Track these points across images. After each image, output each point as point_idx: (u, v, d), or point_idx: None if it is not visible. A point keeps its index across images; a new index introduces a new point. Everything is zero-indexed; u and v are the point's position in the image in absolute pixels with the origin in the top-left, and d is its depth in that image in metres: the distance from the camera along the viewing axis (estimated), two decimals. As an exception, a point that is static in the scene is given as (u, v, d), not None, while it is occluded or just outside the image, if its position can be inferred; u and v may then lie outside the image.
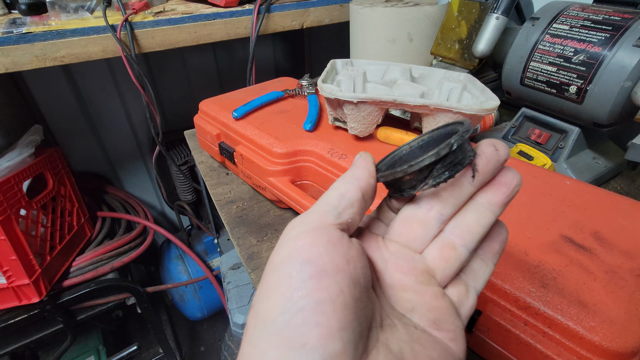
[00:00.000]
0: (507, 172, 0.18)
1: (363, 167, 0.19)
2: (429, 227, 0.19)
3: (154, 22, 0.67)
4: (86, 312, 0.97)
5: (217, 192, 0.57)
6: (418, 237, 0.19)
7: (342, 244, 0.17)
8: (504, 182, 0.18)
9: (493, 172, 0.18)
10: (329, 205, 0.18)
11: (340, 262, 0.16)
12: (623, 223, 0.32)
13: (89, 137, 1.21)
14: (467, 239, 0.19)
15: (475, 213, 0.19)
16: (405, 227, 0.20)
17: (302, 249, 0.16)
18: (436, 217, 0.19)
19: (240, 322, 0.79)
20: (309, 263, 0.15)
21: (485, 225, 0.19)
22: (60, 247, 0.90)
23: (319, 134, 0.49)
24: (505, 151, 0.18)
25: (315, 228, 0.17)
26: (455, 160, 0.17)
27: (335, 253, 0.16)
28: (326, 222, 0.17)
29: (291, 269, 0.15)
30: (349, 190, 0.18)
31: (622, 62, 0.42)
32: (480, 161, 0.18)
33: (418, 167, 0.17)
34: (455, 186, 0.19)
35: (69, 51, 0.61)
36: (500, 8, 0.52)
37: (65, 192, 0.97)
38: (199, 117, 0.61)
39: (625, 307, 0.25)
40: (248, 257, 0.45)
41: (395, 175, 0.18)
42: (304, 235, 0.17)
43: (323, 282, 0.15)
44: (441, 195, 0.19)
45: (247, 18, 0.74)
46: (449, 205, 0.19)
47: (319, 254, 0.16)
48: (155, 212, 1.51)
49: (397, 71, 0.52)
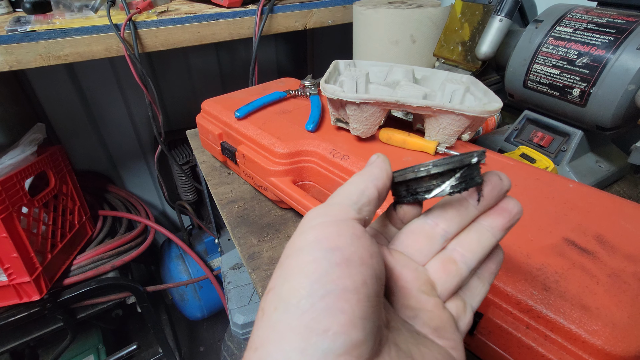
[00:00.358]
0: (510, 200, 0.20)
1: (381, 168, 0.20)
2: (434, 241, 0.20)
3: (157, 22, 0.67)
4: (86, 311, 0.97)
5: (218, 192, 0.57)
6: (423, 249, 0.20)
7: (366, 238, 0.17)
8: (506, 208, 0.20)
9: (496, 199, 0.20)
10: (350, 199, 0.18)
11: (365, 255, 0.16)
12: (626, 226, 0.32)
13: (91, 135, 1.22)
14: (468, 257, 0.20)
15: (477, 234, 0.20)
16: (411, 238, 0.21)
17: (330, 236, 0.16)
18: (441, 233, 0.20)
19: (240, 322, 0.79)
20: (337, 250, 0.15)
21: (486, 246, 0.20)
22: (62, 245, 0.90)
23: (321, 134, 0.49)
24: (508, 182, 0.20)
25: (340, 220, 0.17)
26: (471, 176, 0.19)
27: (360, 245, 0.16)
28: (349, 215, 0.18)
29: (318, 254, 0.15)
30: (368, 188, 0.19)
31: (625, 65, 0.42)
32: (486, 187, 0.19)
33: (443, 169, 0.18)
34: (461, 207, 0.20)
35: (73, 50, 0.61)
36: (503, 10, 0.52)
37: (67, 190, 0.97)
38: (201, 117, 0.61)
39: (629, 310, 0.24)
40: (249, 257, 0.45)
41: (417, 173, 0.19)
42: (330, 224, 0.17)
43: (350, 270, 0.15)
44: (447, 213, 0.20)
45: (250, 18, 0.74)
46: (454, 224, 0.20)
47: (346, 244, 0.16)
48: (157, 212, 1.51)
49: (399, 72, 0.52)
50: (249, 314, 0.79)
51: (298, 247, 0.16)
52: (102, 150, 1.26)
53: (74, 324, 0.94)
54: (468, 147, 0.46)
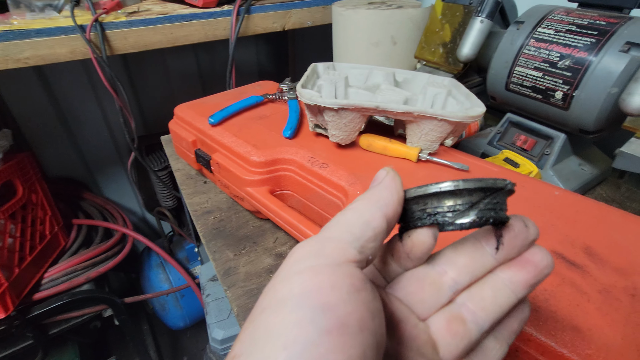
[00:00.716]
0: (537, 250, 0.16)
1: (392, 190, 0.16)
2: (441, 292, 0.16)
3: (127, 23, 0.63)
4: (59, 326, 0.92)
5: (193, 202, 0.54)
6: (427, 300, 0.17)
7: (367, 291, 0.13)
8: (532, 261, 0.16)
9: (519, 249, 0.16)
10: (351, 234, 0.15)
11: (366, 316, 0.13)
12: (614, 236, 0.30)
13: (64, 141, 1.16)
14: (480, 316, 0.16)
15: (493, 289, 0.16)
16: (414, 285, 0.17)
17: (321, 289, 0.13)
18: (449, 283, 0.16)
19: (219, 337, 0.76)
20: (328, 311, 0.12)
21: (503, 305, 0.16)
22: (31, 258, 0.85)
23: (299, 141, 0.47)
24: (535, 230, 0.16)
25: (336, 264, 0.13)
26: (500, 207, 0.15)
27: (360, 303, 0.13)
28: (348, 257, 0.14)
29: (304, 314, 0.12)
30: (375, 218, 0.15)
31: (608, 67, 0.41)
32: (507, 234, 0.16)
33: (473, 186, 0.15)
34: (476, 254, 0.16)
35: (34, 52, 0.57)
36: (484, 11, 0.50)
37: (37, 199, 0.92)
38: (174, 123, 0.58)
39: (622, 331, 0.23)
40: (224, 273, 0.43)
41: (441, 188, 0.15)
42: (322, 271, 0.13)
43: (345, 340, 0.12)
44: (459, 260, 0.17)
45: (226, 19, 0.71)
46: (465, 274, 0.16)
47: (341, 301, 0.12)
48: (136, 218, 1.46)
49: (380, 75, 0.50)
50: (229, 328, 0.76)
51: (279, 298, 0.13)
52: (76, 155, 1.21)
53: (46, 340, 0.89)
54: (451, 153, 0.44)
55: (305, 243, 0.15)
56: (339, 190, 0.40)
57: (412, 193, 0.16)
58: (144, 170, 1.21)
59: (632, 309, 0.24)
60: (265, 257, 0.44)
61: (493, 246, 0.16)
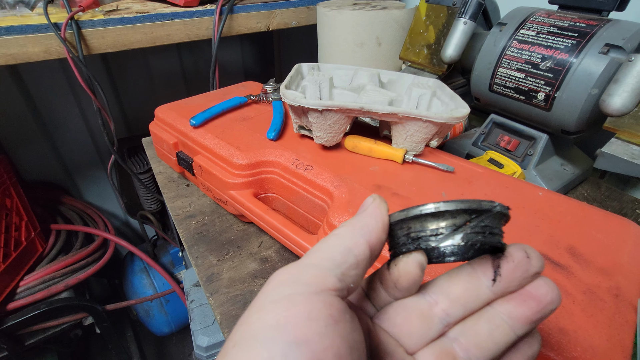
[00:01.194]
0: (542, 283, 0.15)
1: (376, 217, 0.15)
2: (430, 324, 0.15)
3: (104, 22, 0.61)
4: (36, 336, 0.89)
5: (175, 206, 0.53)
6: (415, 333, 0.16)
7: (345, 322, 0.13)
8: (535, 295, 0.15)
9: (519, 282, 0.15)
10: (331, 260, 0.14)
11: (344, 350, 0.12)
12: (597, 236, 0.31)
13: (41, 143, 1.12)
14: (474, 354, 0.15)
15: (490, 324, 0.15)
16: (402, 316, 0.16)
17: (297, 321, 0.12)
18: (440, 315, 0.15)
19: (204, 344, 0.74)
20: (303, 345, 0.11)
21: (500, 343, 0.15)
22: (5, 265, 0.81)
23: (283, 143, 0.46)
24: (539, 262, 0.15)
25: (314, 293, 0.13)
26: (491, 231, 0.14)
27: (338, 335, 0.12)
28: (327, 285, 0.13)
29: (275, 351, 0.11)
30: (358, 245, 0.15)
31: (588, 69, 0.42)
32: (506, 265, 0.15)
33: (455, 207, 0.14)
34: (470, 285, 0.15)
35: (5, 51, 0.55)
36: (467, 13, 0.51)
37: (12, 204, 0.88)
38: (155, 125, 0.57)
39: (607, 332, 0.23)
40: (207, 279, 0.41)
41: (422, 210, 0.14)
42: (299, 301, 0.13)
43: None
44: (451, 290, 0.15)
45: (208, 19, 0.70)
46: (457, 306, 0.15)
47: (317, 335, 0.12)
48: (119, 222, 1.42)
49: (365, 76, 0.49)
50: (214, 334, 0.74)
51: (252, 331, 0.12)
52: (54, 158, 1.17)
53: (22, 351, 0.85)
54: (437, 154, 0.44)
55: (284, 270, 0.14)
56: (324, 192, 0.39)
57: (395, 217, 0.16)
58: (126, 173, 1.17)
59: (616, 310, 0.24)
60: (249, 261, 0.43)
61: (490, 277, 0.15)
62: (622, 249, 0.29)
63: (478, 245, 0.14)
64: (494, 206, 0.14)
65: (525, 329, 0.15)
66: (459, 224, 0.14)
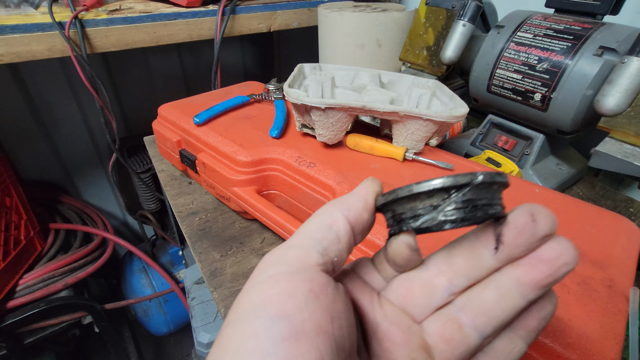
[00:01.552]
0: (554, 245, 0.14)
1: (359, 196, 0.16)
2: (434, 294, 0.16)
3: (108, 21, 0.62)
4: (35, 335, 0.89)
5: (178, 203, 0.53)
6: (419, 302, 0.16)
7: (327, 294, 0.14)
8: (546, 258, 0.14)
9: (526, 247, 0.14)
10: (312, 238, 0.15)
11: (323, 320, 0.13)
12: (591, 231, 0.32)
13: (40, 142, 1.12)
14: (480, 320, 0.15)
15: (496, 291, 0.15)
16: (405, 288, 0.16)
17: (277, 298, 0.13)
18: (444, 285, 0.15)
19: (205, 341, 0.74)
20: (284, 319, 0.12)
21: (508, 309, 0.15)
22: (5, 264, 0.81)
23: (286, 141, 0.47)
24: (546, 224, 0.14)
25: (295, 270, 0.14)
26: (477, 203, 0.14)
27: (318, 307, 0.13)
28: (309, 262, 0.14)
29: (259, 326, 0.12)
30: (336, 222, 0.15)
31: (583, 70, 0.43)
32: (507, 232, 0.14)
33: (428, 188, 0.14)
34: (471, 255, 0.15)
35: (9, 49, 0.55)
36: (466, 15, 0.52)
37: (11, 203, 0.88)
38: (158, 123, 0.57)
39: (600, 320, 0.24)
40: (211, 274, 0.42)
41: (397, 194, 0.15)
42: (282, 279, 0.13)
43: (299, 346, 0.12)
44: (453, 261, 0.15)
45: (211, 19, 0.71)
46: (460, 277, 0.15)
47: (297, 308, 0.13)
48: (117, 222, 1.42)
49: (366, 76, 0.50)
50: (215, 331, 0.75)
51: (240, 312, 0.13)
52: (54, 158, 1.17)
53: (20, 350, 0.85)
54: (436, 152, 0.45)
55: (270, 253, 0.15)
56: (326, 189, 0.40)
57: (379, 201, 0.16)
58: (125, 173, 1.18)
59: (609, 300, 0.25)
60: (252, 257, 0.44)
61: (492, 247, 0.14)
62: (615, 242, 0.30)
63: (465, 223, 0.14)
64: (476, 178, 0.13)
65: (536, 293, 0.14)
66: (435, 204, 0.14)
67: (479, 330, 0.15)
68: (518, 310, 0.15)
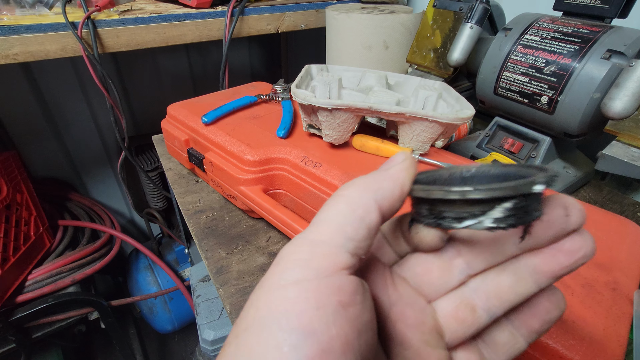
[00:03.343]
0: (577, 237, 0.14)
1: (395, 182, 0.14)
2: (450, 275, 0.15)
3: (119, 21, 0.63)
4: (43, 329, 0.90)
5: (185, 201, 0.54)
6: (434, 283, 0.16)
7: (355, 304, 0.13)
8: (566, 249, 0.14)
9: (552, 239, 0.14)
10: (343, 234, 0.13)
11: (351, 336, 0.12)
12: (597, 234, 0.32)
13: (51, 140, 1.14)
14: (493, 303, 0.15)
15: (512, 277, 0.15)
16: (423, 267, 0.16)
17: (305, 309, 0.12)
18: (461, 266, 0.15)
19: (210, 338, 0.75)
20: (310, 337, 0.11)
21: (522, 294, 0.15)
22: (15, 259, 0.83)
23: (292, 141, 0.48)
24: (578, 219, 0.13)
25: (324, 277, 0.12)
26: (527, 208, 0.13)
27: (346, 322, 0.12)
28: (338, 265, 0.13)
29: (283, 340, 0.11)
30: (370, 212, 0.13)
31: (591, 73, 0.43)
32: (538, 225, 0.14)
33: (486, 195, 0.12)
34: (493, 242, 0.15)
35: (23, 49, 0.56)
36: (474, 18, 0.52)
37: (22, 199, 0.90)
38: (166, 122, 0.58)
39: (603, 322, 0.24)
40: (217, 272, 0.43)
41: (446, 195, 0.13)
42: (308, 287, 0.12)
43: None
44: (475, 246, 0.15)
45: (220, 20, 0.72)
46: (480, 260, 0.15)
47: (324, 324, 0.12)
48: (124, 220, 1.44)
49: (372, 78, 0.51)
50: (220, 329, 0.76)
51: (261, 317, 0.12)
52: (63, 155, 1.19)
53: (29, 344, 0.86)
54: (442, 154, 0.45)
55: (294, 248, 0.14)
56: (332, 189, 0.40)
57: (417, 192, 0.14)
58: (133, 171, 1.19)
59: (612, 302, 0.25)
60: (258, 255, 0.45)
61: (517, 235, 0.14)
62: (620, 246, 0.30)
63: (510, 227, 0.13)
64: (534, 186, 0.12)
65: (549, 282, 0.15)
66: (488, 209, 0.13)
67: (491, 312, 0.15)
68: (529, 296, 0.15)
